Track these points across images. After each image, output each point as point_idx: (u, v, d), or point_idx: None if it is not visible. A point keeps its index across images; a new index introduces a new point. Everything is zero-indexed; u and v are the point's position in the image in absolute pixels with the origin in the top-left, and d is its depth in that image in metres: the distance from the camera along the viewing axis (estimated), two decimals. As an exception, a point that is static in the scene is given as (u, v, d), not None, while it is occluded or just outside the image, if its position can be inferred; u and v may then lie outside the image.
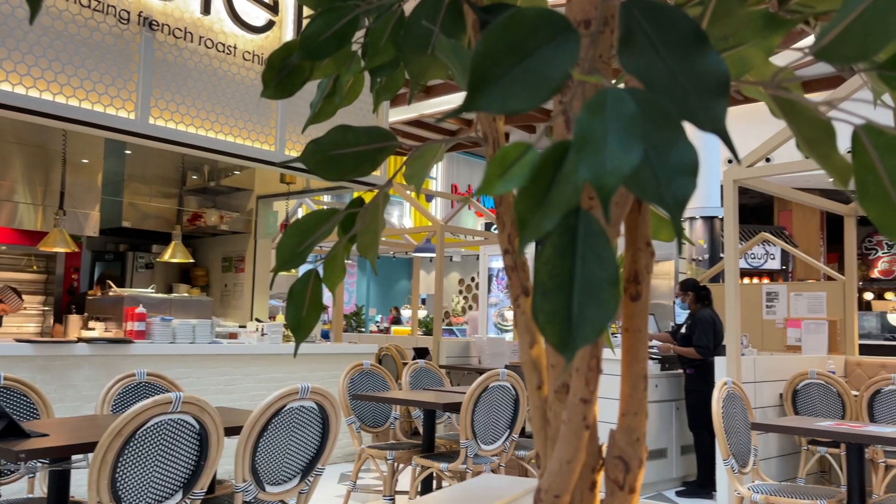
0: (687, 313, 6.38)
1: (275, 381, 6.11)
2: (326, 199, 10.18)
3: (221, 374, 5.99)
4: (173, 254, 7.92)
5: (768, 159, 6.39)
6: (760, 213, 15.35)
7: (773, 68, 0.80)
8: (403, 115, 12.46)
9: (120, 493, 2.62)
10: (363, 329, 15.14)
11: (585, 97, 0.69)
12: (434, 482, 4.59)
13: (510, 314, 10.99)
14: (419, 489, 4.49)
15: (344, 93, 1.13)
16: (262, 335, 6.52)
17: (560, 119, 0.76)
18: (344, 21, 0.97)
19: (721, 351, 5.64)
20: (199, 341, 5.96)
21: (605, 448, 0.85)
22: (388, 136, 0.93)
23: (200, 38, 5.89)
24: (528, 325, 0.88)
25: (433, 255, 8.78)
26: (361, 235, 0.95)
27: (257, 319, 7.84)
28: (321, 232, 0.95)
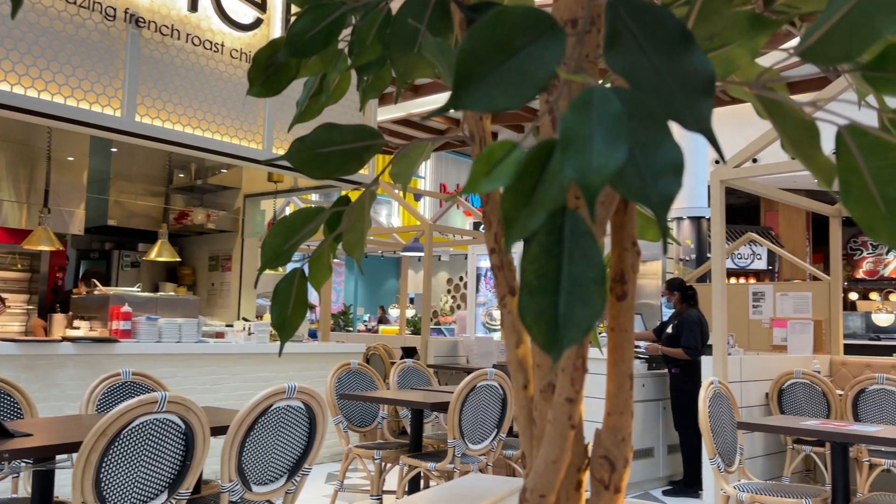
0: (672, 312, 6.41)
1: (262, 381, 6.09)
2: (314, 197, 10.15)
3: (208, 373, 5.96)
4: (159, 252, 7.87)
5: (755, 160, 6.43)
6: (747, 214, 15.44)
7: (758, 69, 0.80)
8: (392, 114, 12.44)
9: (104, 494, 2.60)
10: (351, 328, 15.12)
11: (572, 96, 0.69)
12: (421, 482, 4.59)
13: (498, 313, 10.99)
14: (406, 489, 4.49)
15: (330, 91, 1.13)
16: (249, 334, 6.50)
17: (546, 118, 0.75)
18: (331, 19, 0.96)
19: (707, 350, 5.66)
20: (185, 340, 5.93)
21: (591, 447, 0.85)
22: (374, 134, 0.92)
23: (187, 35, 5.86)
24: (514, 324, 0.88)
25: (421, 254, 8.77)
26: (347, 234, 0.95)
27: (244, 318, 7.81)
28: (307, 230, 0.94)
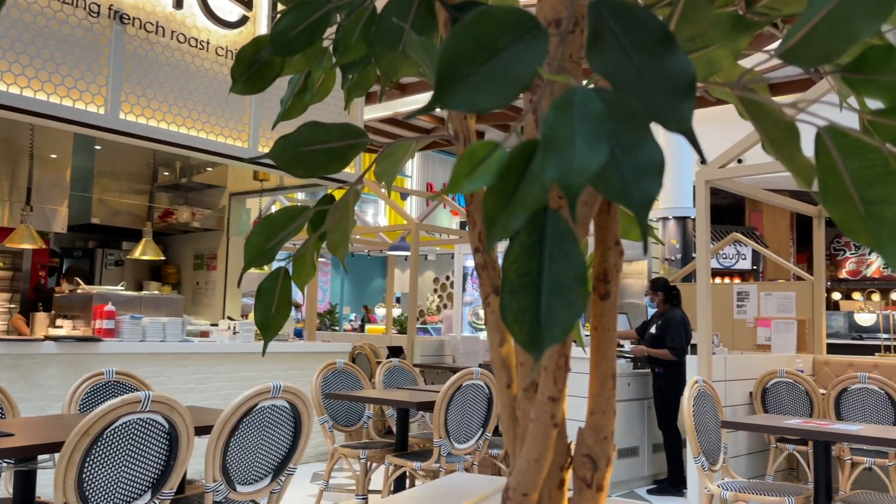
0: (655, 312, 6.43)
1: (247, 380, 6.06)
2: (300, 196, 10.12)
3: (192, 372, 5.92)
4: (144, 251, 7.82)
5: (740, 160, 6.47)
6: (732, 214, 15.55)
7: (740, 70, 0.81)
8: (378, 113, 12.42)
9: (87, 494, 2.58)
10: (337, 328, 15.07)
11: (554, 96, 0.69)
12: (407, 481, 4.59)
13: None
14: (392, 488, 4.48)
15: (315, 89, 1.12)
16: (234, 333, 6.47)
17: (530, 118, 0.76)
18: (315, 16, 0.96)
19: (692, 350, 5.70)
20: (169, 340, 5.89)
21: (574, 446, 0.85)
22: (358, 133, 0.92)
23: (172, 32, 5.82)
24: (498, 323, 0.88)
25: (408, 253, 8.77)
26: (331, 233, 0.95)
27: (229, 318, 7.77)
28: (291, 229, 0.94)
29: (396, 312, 14.19)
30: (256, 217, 8.93)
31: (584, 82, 0.83)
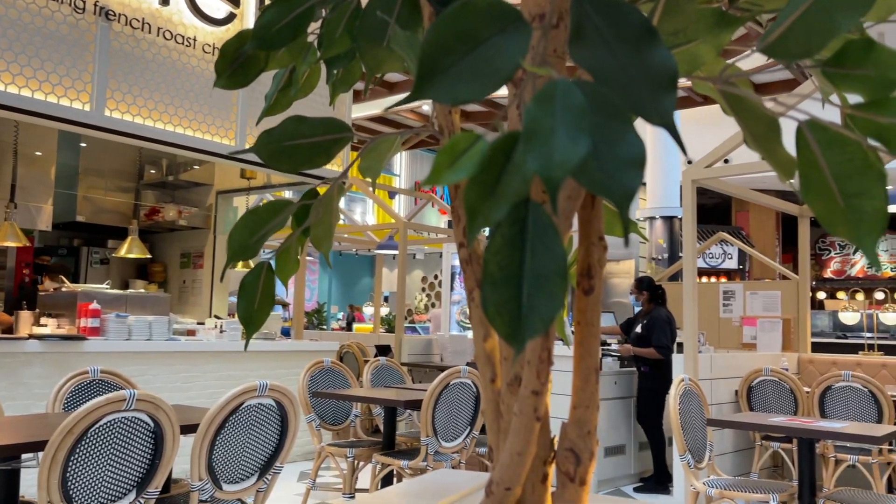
0: (640, 310, 6.45)
1: (233, 379, 6.03)
2: (288, 194, 10.08)
3: (179, 371, 5.89)
4: (129, 249, 7.76)
5: (727, 160, 6.51)
6: (719, 214, 15.64)
7: (723, 65, 0.81)
8: (367, 112, 12.41)
9: (71, 493, 2.56)
10: (325, 327, 15.03)
11: (537, 89, 0.69)
12: (394, 480, 4.58)
13: (472, 312, 10.97)
14: (379, 487, 4.48)
15: (300, 84, 1.12)
16: (221, 332, 6.44)
17: (514, 111, 0.76)
18: (299, 11, 0.96)
19: (678, 348, 5.72)
20: (155, 338, 5.86)
21: (557, 440, 0.85)
22: (342, 127, 0.92)
23: (159, 29, 5.79)
24: (482, 317, 0.88)
25: (396, 252, 8.76)
26: (315, 228, 0.94)
27: (216, 316, 7.74)
28: (274, 224, 0.93)
29: (385, 311, 14.17)
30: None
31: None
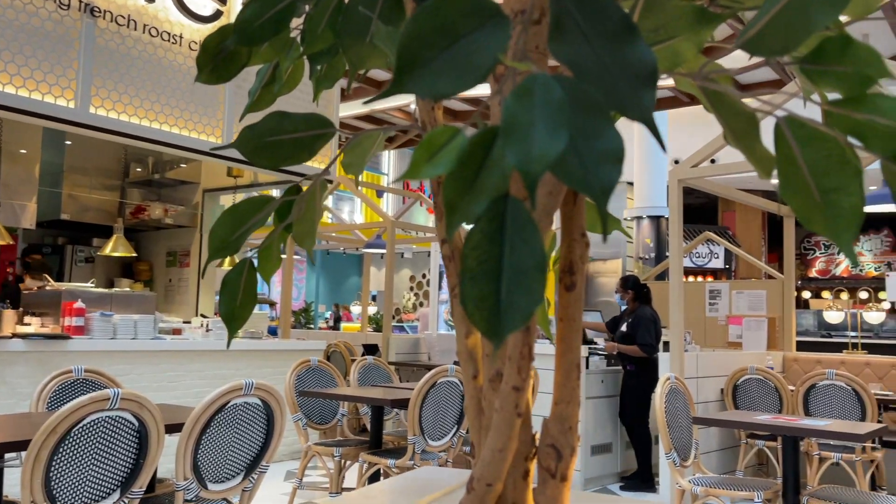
0: (625, 309, 6.47)
1: (220, 378, 6.00)
2: (275, 193, 10.05)
3: (164, 370, 5.85)
4: (115, 247, 7.71)
5: (713, 160, 6.54)
6: (705, 214, 15.72)
7: (704, 61, 0.81)
8: (355, 110, 12.38)
9: (55, 493, 2.54)
10: (312, 325, 14.99)
11: (517, 84, 0.69)
12: (382, 478, 4.58)
13: (460, 311, 10.96)
14: (366, 486, 4.47)
15: (283, 80, 1.11)
16: (207, 331, 6.40)
17: (496, 106, 0.75)
18: (281, 6, 0.95)
19: (665, 347, 5.75)
20: (141, 337, 5.82)
21: (538, 437, 0.85)
22: (325, 123, 0.91)
23: (144, 26, 5.75)
24: (463, 314, 0.88)
25: (384, 251, 8.74)
26: (298, 224, 0.94)
27: (202, 315, 7.70)
28: (256, 220, 0.93)
29: (372, 310, 14.15)
30: (230, 214, 8.84)
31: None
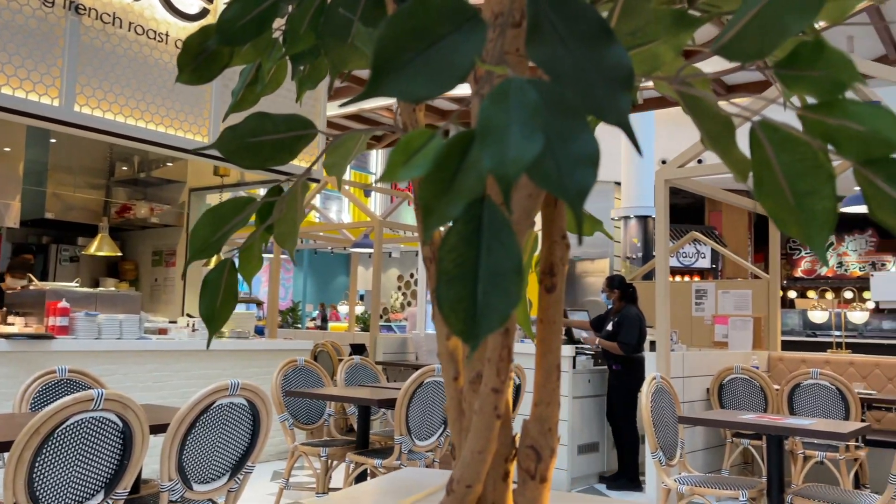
0: (610, 308, 6.50)
1: (206, 378, 5.97)
2: (262, 192, 10.01)
3: (150, 370, 5.82)
4: (100, 247, 7.66)
5: (700, 160, 6.58)
6: (692, 214, 15.80)
7: (682, 65, 0.82)
8: (344, 110, 12.35)
9: (38, 494, 2.52)
10: (299, 325, 14.95)
11: (493, 87, 0.69)
12: (368, 478, 4.57)
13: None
14: (352, 486, 4.47)
15: (266, 81, 1.11)
16: (193, 331, 6.37)
17: (477, 106, 0.76)
18: (263, 6, 0.95)
19: (651, 347, 5.77)
20: (126, 337, 5.78)
21: (518, 438, 0.85)
22: (306, 124, 0.91)
23: (130, 24, 5.71)
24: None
25: (371, 250, 8.73)
26: (279, 224, 0.94)
27: (188, 315, 7.66)
28: (238, 220, 0.93)
29: (360, 310, 14.12)
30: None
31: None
